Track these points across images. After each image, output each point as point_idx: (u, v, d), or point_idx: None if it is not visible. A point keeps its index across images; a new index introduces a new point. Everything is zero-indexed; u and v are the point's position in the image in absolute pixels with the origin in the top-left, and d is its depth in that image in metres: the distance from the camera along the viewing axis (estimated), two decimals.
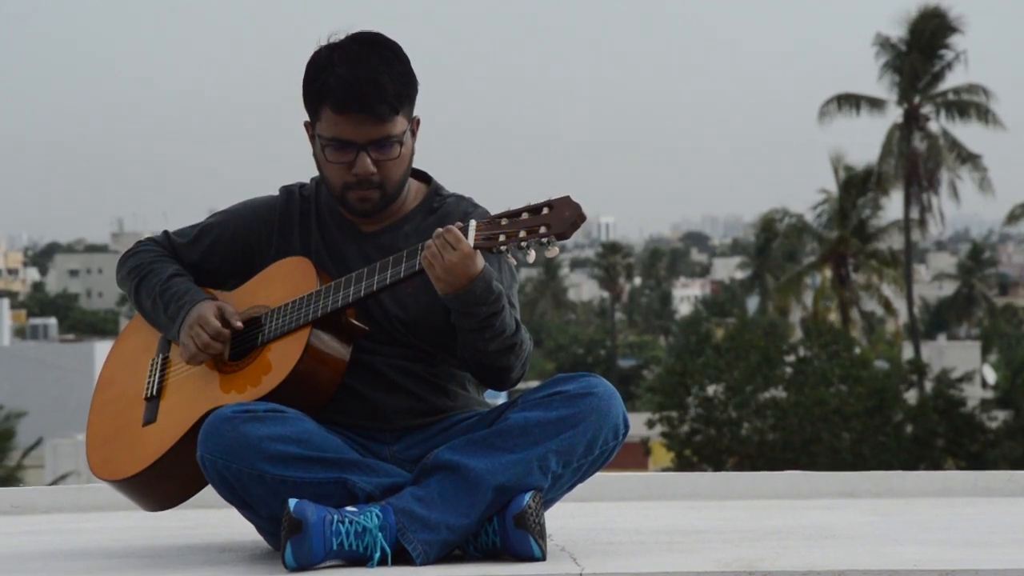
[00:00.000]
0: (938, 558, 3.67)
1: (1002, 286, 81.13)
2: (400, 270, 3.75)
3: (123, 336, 4.19)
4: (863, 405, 31.46)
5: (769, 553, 3.77)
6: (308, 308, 3.82)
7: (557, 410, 3.75)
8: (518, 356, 3.83)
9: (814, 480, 5.23)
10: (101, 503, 5.12)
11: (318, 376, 3.80)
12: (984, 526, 4.37)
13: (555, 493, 3.81)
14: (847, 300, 42.75)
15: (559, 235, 3.60)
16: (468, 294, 3.69)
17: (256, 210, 4.05)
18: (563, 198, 3.63)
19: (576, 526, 4.38)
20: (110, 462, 3.94)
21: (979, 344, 54.11)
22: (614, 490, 5.17)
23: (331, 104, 3.83)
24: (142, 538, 4.38)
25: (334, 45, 3.88)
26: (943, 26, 42.35)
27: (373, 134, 3.83)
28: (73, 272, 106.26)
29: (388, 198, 3.90)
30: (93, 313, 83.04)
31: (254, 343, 3.89)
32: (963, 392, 35.07)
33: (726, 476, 5.25)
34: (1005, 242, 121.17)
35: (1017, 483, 5.18)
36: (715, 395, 32.49)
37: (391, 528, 3.64)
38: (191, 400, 3.88)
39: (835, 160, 44.07)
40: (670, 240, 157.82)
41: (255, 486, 3.69)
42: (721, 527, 4.36)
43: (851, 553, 3.80)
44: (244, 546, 4.11)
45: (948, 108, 42.55)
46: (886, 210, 44.76)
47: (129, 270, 4.09)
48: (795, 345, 34.39)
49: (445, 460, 3.71)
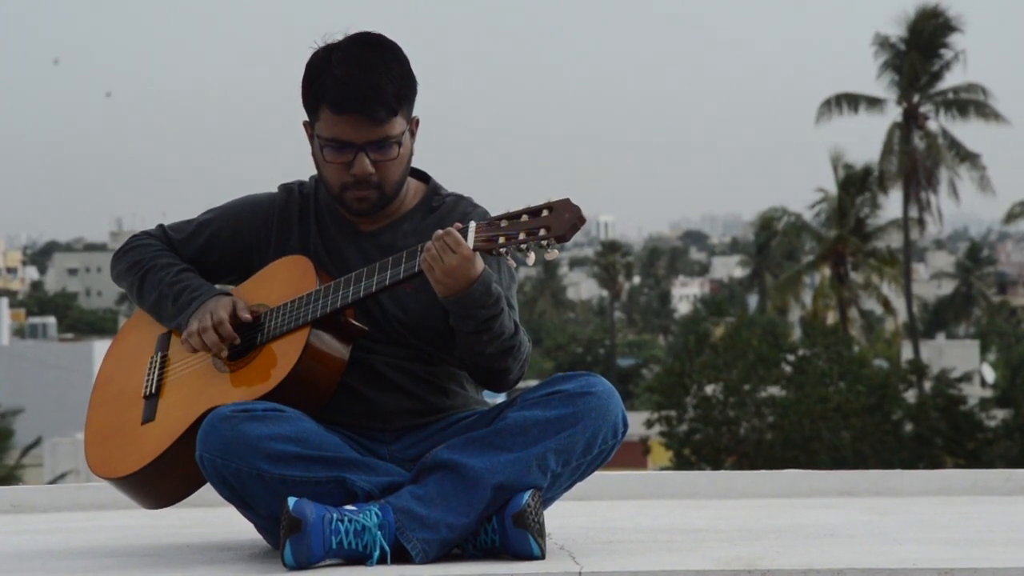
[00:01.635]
0: (937, 557, 3.67)
1: (1001, 285, 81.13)
2: (400, 271, 3.75)
3: (121, 334, 4.19)
4: (862, 404, 31.46)
5: (768, 552, 3.77)
6: (307, 308, 3.82)
7: (556, 409, 3.75)
8: (516, 358, 3.83)
9: (813, 479, 5.23)
10: (100, 502, 5.12)
11: (317, 376, 3.80)
12: (983, 525, 4.37)
13: (554, 492, 3.81)
14: (846, 299, 42.75)
15: (559, 238, 3.59)
16: (467, 297, 3.69)
17: (255, 207, 4.04)
18: (563, 200, 3.63)
19: (575, 525, 4.38)
20: (109, 460, 3.94)
21: (978, 343, 54.12)
22: (613, 489, 5.17)
23: (329, 105, 3.83)
24: (141, 537, 4.38)
25: (333, 46, 3.88)
26: (942, 25, 42.35)
27: (371, 135, 3.83)
28: (72, 271, 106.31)
29: (386, 198, 3.90)
30: (92, 312, 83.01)
31: (253, 342, 3.89)
32: (962, 391, 35.06)
33: (725, 475, 5.25)
34: (1004, 241, 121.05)
35: (1016, 482, 5.18)
36: (714, 394, 32.48)
37: (390, 527, 3.64)
38: (190, 398, 3.88)
39: (834, 159, 44.08)
40: (669, 239, 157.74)
41: (254, 485, 3.69)
42: (720, 526, 4.36)
43: (850, 552, 3.80)
44: (243, 545, 4.11)
45: (947, 107, 42.54)
46: (885, 209, 44.80)
47: (131, 264, 4.08)
48: (794, 344, 34.39)
49: (444, 459, 3.71)
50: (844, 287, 42.82)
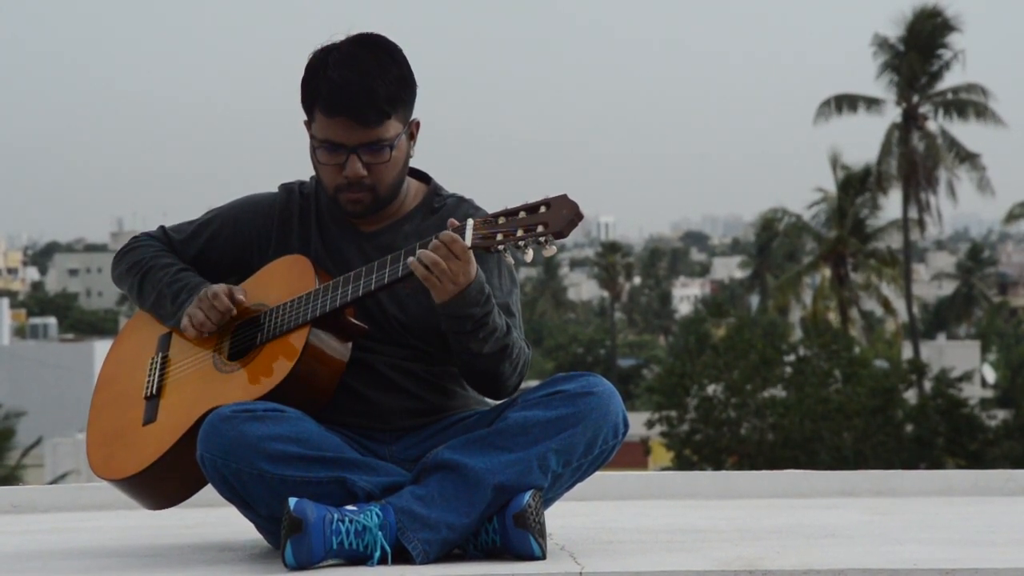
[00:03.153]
0: (938, 557, 3.67)
1: (1001, 285, 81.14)
2: (399, 268, 3.75)
3: (122, 335, 4.19)
4: (863, 404, 31.45)
5: (769, 552, 3.77)
6: (307, 307, 3.82)
7: (557, 409, 3.75)
8: (512, 362, 3.82)
9: (814, 479, 5.23)
10: (101, 502, 5.12)
11: (317, 375, 3.80)
12: (984, 525, 4.37)
13: (555, 492, 3.81)
14: (846, 300, 42.74)
15: (557, 234, 3.59)
16: (464, 297, 3.69)
17: (256, 207, 4.04)
18: (560, 196, 3.63)
19: (576, 525, 4.38)
20: (111, 461, 3.94)
21: (978, 343, 54.11)
22: (614, 489, 5.17)
23: (322, 107, 3.83)
24: (142, 537, 4.38)
25: (331, 47, 3.88)
26: (941, 25, 42.33)
27: (363, 138, 3.82)
28: (73, 271, 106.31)
29: (381, 201, 3.90)
30: (93, 312, 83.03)
31: (253, 342, 3.89)
32: (962, 391, 35.05)
33: (726, 475, 5.25)
34: (1004, 241, 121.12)
35: (1017, 482, 5.18)
36: (715, 395, 32.48)
37: (391, 527, 3.64)
38: (191, 399, 3.88)
39: (834, 160, 44.07)
40: (670, 240, 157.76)
41: (255, 485, 3.68)
42: (721, 526, 4.36)
43: (851, 552, 3.80)
44: (244, 545, 4.11)
45: (946, 107, 42.53)
46: (885, 210, 44.79)
47: (131, 265, 4.08)
48: (795, 345, 34.38)
49: (445, 459, 3.71)
50: (844, 288, 42.81)
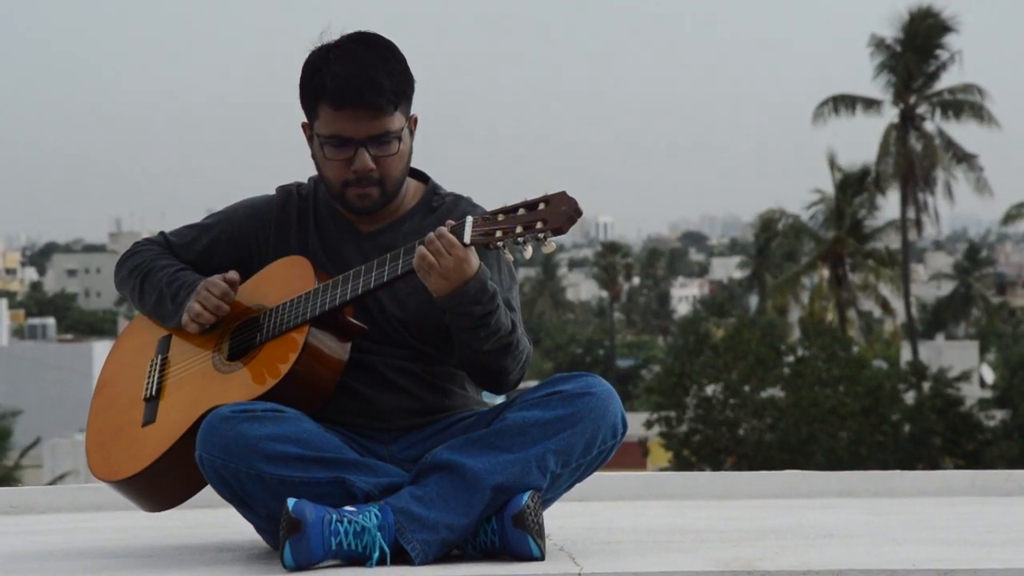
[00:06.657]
0: (936, 557, 3.67)
1: (1000, 286, 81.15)
2: (398, 266, 3.76)
3: (122, 337, 4.20)
4: (861, 405, 31.45)
5: (767, 552, 3.77)
6: (306, 307, 3.82)
7: (555, 410, 3.75)
8: (515, 358, 3.83)
9: (812, 480, 5.23)
10: (99, 503, 5.12)
11: (316, 375, 3.80)
12: (982, 525, 4.37)
13: (554, 493, 3.81)
14: (844, 300, 42.74)
15: (555, 230, 3.60)
16: (462, 294, 3.70)
17: (254, 210, 4.05)
18: (559, 193, 3.64)
19: (575, 526, 4.38)
20: (110, 462, 3.94)
21: (977, 343, 54.09)
22: (612, 490, 5.17)
23: (328, 101, 3.83)
24: (141, 538, 4.38)
25: (330, 45, 3.89)
26: (937, 26, 42.31)
27: (371, 129, 3.83)
28: (71, 272, 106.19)
29: (388, 195, 3.90)
30: (91, 313, 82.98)
31: (252, 342, 3.89)
32: (961, 391, 35.05)
33: (724, 476, 5.25)
34: (1003, 242, 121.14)
35: (1015, 482, 5.18)
36: (713, 395, 32.48)
37: (390, 528, 3.64)
38: (190, 400, 3.88)
39: (831, 160, 44.07)
40: (668, 240, 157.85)
41: (254, 486, 3.69)
42: (719, 527, 4.36)
43: (849, 552, 3.80)
44: (243, 546, 4.11)
45: (943, 108, 42.51)
46: (882, 210, 44.79)
47: (131, 269, 4.09)
48: (793, 345, 34.38)
49: (443, 460, 3.71)
50: (842, 288, 42.82)
